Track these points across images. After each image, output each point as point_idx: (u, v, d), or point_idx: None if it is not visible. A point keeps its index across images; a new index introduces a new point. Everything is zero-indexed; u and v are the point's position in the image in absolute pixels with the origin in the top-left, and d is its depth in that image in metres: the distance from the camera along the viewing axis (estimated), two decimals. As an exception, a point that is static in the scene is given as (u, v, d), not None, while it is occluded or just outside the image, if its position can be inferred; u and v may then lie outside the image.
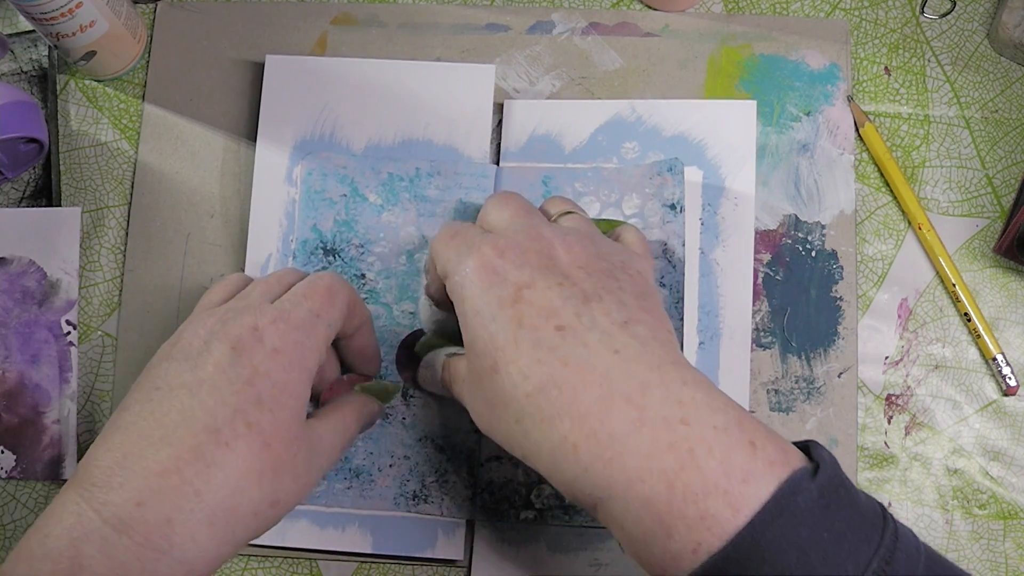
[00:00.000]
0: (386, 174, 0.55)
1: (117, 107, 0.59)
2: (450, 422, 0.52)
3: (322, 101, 0.57)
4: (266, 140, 0.57)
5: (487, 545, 0.52)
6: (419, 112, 0.57)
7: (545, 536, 0.52)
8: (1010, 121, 0.57)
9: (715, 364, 0.53)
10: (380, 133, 0.57)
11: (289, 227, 0.56)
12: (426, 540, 0.52)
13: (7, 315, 0.57)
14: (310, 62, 0.57)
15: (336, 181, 0.55)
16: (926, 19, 0.58)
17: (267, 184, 0.56)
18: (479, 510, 0.52)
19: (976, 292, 0.55)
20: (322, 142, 0.57)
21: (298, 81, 0.57)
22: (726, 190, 0.55)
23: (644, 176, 0.54)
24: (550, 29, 0.58)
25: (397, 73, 0.57)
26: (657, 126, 0.56)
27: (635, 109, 0.56)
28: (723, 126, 0.55)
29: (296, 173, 0.56)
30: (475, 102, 0.57)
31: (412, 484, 0.52)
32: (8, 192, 0.59)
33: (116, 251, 0.58)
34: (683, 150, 0.55)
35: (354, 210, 0.55)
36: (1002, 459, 0.54)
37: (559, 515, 0.52)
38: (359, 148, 0.56)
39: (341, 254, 0.54)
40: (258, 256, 0.56)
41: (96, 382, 0.56)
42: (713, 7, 0.59)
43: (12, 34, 0.60)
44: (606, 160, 0.55)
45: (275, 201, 0.56)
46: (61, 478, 0.55)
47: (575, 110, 0.56)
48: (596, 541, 0.52)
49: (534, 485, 0.52)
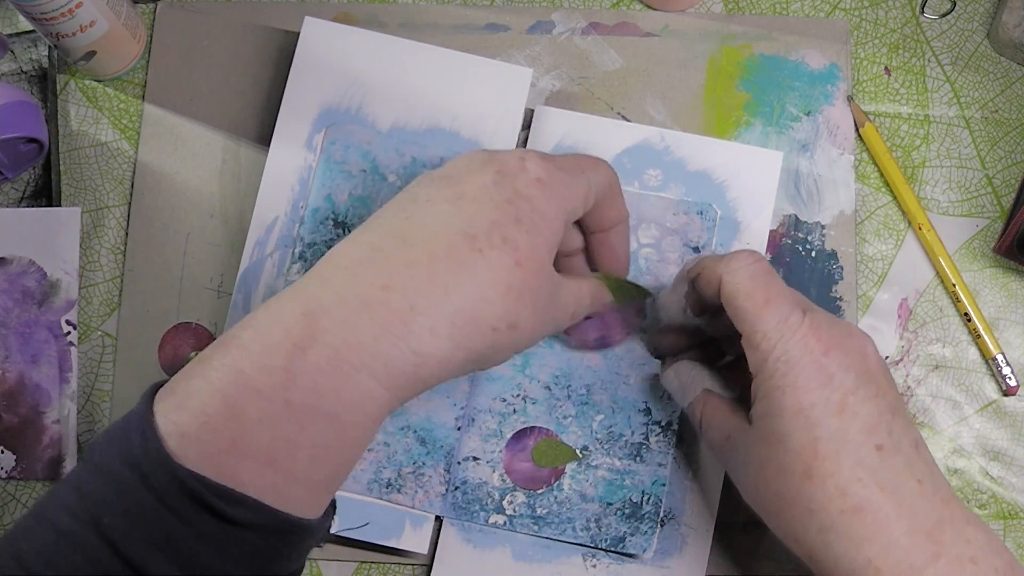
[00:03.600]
0: (410, 157, 0.55)
1: (117, 107, 0.59)
2: (435, 416, 0.52)
3: (354, 73, 0.56)
4: (291, 101, 0.56)
5: (452, 544, 0.52)
6: (450, 102, 0.56)
7: (511, 543, 0.52)
8: (1010, 121, 0.57)
9: None
10: (407, 116, 0.56)
11: (301, 193, 0.55)
12: (393, 529, 0.52)
13: (7, 315, 0.57)
14: (347, 32, 0.57)
15: (358, 155, 0.55)
16: (926, 19, 0.58)
17: (285, 146, 0.55)
18: (450, 507, 0.52)
19: (976, 292, 0.55)
20: (348, 114, 0.56)
21: (333, 48, 0.56)
22: (740, 233, 0.54)
23: (667, 210, 0.54)
24: (550, 29, 0.58)
25: (433, 59, 0.56)
26: (683, 159, 0.55)
27: (664, 138, 0.55)
28: (747, 171, 0.55)
29: (317, 140, 0.56)
30: (507, 102, 0.56)
31: (388, 472, 0.52)
32: (8, 192, 0.59)
33: (116, 251, 0.58)
34: (705, 186, 0.55)
35: (372, 187, 0.55)
36: (1002, 459, 0.54)
37: (528, 524, 0.52)
38: (384, 127, 0.56)
39: (352, 228, 0.54)
40: (264, 218, 0.55)
41: (96, 382, 0.56)
42: (713, 7, 0.59)
43: (12, 34, 0.60)
44: (628, 183, 0.54)
45: (291, 165, 0.55)
46: (61, 478, 0.55)
47: (605, 128, 0.56)
48: (562, 555, 0.52)
49: (508, 491, 0.52)
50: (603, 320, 0.51)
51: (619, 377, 0.52)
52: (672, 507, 0.52)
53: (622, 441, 0.52)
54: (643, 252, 0.54)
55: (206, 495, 0.34)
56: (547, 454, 0.52)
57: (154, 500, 0.34)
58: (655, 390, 0.52)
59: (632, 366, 0.53)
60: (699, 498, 0.52)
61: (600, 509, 0.51)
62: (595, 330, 0.51)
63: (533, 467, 0.52)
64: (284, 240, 0.55)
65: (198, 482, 0.34)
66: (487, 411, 0.53)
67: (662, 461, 0.52)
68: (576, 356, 0.53)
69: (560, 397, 0.53)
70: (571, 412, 0.52)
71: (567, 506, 0.52)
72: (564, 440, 0.52)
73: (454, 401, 0.53)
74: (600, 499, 0.52)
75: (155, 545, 0.34)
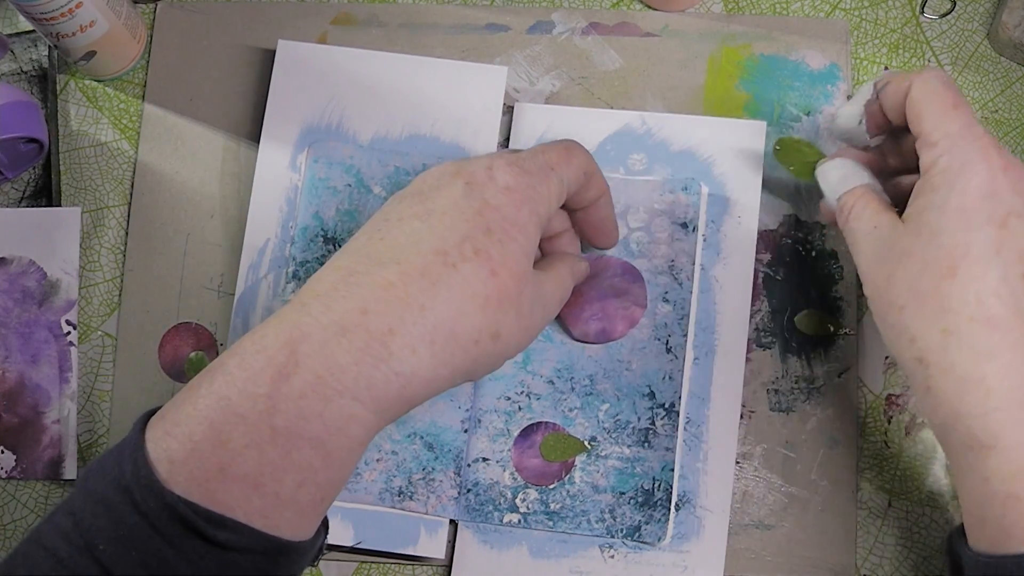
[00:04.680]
0: (393, 167, 0.55)
1: (117, 107, 0.59)
2: (440, 420, 0.52)
3: (331, 90, 0.57)
4: (272, 125, 0.57)
5: (469, 546, 0.52)
6: (427, 108, 0.57)
7: (528, 541, 0.52)
8: (1010, 121, 0.57)
9: (708, 380, 0.53)
10: (387, 126, 0.57)
11: (289, 213, 0.56)
12: (408, 537, 0.52)
13: (7, 315, 0.57)
14: (321, 50, 0.57)
15: (341, 170, 0.55)
16: (926, 19, 0.58)
17: (270, 169, 0.56)
18: (463, 510, 0.52)
19: (976, 292, 0.55)
20: (328, 131, 0.57)
21: (308, 68, 0.57)
22: (730, 208, 0.54)
23: (653, 191, 0.54)
24: (550, 29, 0.58)
25: (408, 68, 0.57)
26: (666, 139, 0.56)
27: (645, 121, 0.56)
28: (732, 145, 0.55)
29: (300, 160, 0.56)
30: (484, 102, 0.56)
31: (398, 480, 0.52)
32: (8, 192, 0.59)
33: (116, 251, 0.58)
34: (690, 165, 0.55)
35: (358, 201, 0.55)
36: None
37: (543, 521, 0.52)
38: (365, 140, 0.56)
39: (342, 243, 0.54)
40: (256, 240, 0.56)
41: (96, 382, 0.56)
42: (713, 7, 0.59)
43: (12, 34, 0.60)
44: (613, 170, 0.55)
45: (277, 186, 0.56)
46: (61, 478, 0.55)
47: (585, 118, 0.56)
48: (579, 549, 0.52)
49: (520, 489, 0.52)
50: (604, 312, 0.52)
51: (621, 364, 0.53)
52: (686, 490, 0.52)
53: (629, 428, 0.52)
54: (634, 236, 0.54)
55: (195, 520, 0.35)
56: (556, 448, 0.52)
57: (146, 525, 0.35)
58: (657, 372, 0.52)
59: (633, 352, 0.53)
60: (713, 480, 0.52)
61: (613, 499, 0.52)
62: (597, 322, 0.52)
63: (543, 462, 0.52)
64: (277, 261, 0.55)
65: (187, 507, 0.35)
66: (492, 411, 0.53)
67: (669, 445, 0.52)
68: (577, 347, 0.53)
69: (564, 390, 0.53)
70: (576, 404, 0.53)
71: (580, 499, 0.52)
72: (571, 433, 0.52)
73: (459, 404, 0.53)
74: (612, 489, 0.52)
75: (148, 570, 0.35)
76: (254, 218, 0.56)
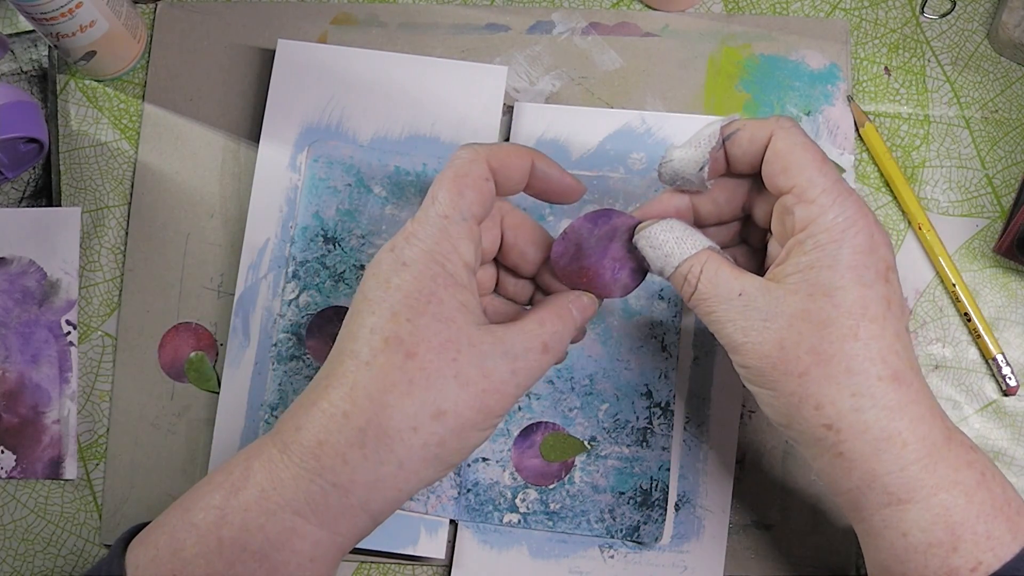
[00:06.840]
0: (393, 167, 0.55)
1: (117, 107, 0.59)
2: None
3: (331, 90, 0.57)
4: (272, 125, 0.57)
5: (469, 546, 0.52)
6: (427, 108, 0.57)
7: (528, 541, 0.52)
8: (1010, 121, 0.57)
9: (709, 380, 0.53)
10: (387, 126, 0.57)
11: (289, 213, 0.56)
12: (408, 537, 0.52)
13: (7, 315, 0.57)
14: (321, 50, 0.57)
15: (341, 170, 0.55)
16: (926, 19, 0.58)
17: (270, 168, 0.56)
18: (463, 510, 0.52)
19: (976, 292, 0.55)
20: (328, 131, 0.57)
21: (308, 68, 0.57)
22: None
23: (651, 189, 0.54)
24: (550, 29, 0.58)
25: (408, 68, 0.57)
26: (666, 138, 0.56)
27: (645, 120, 0.56)
28: None
29: (300, 160, 0.56)
30: (484, 102, 0.56)
31: None
32: (8, 192, 0.59)
33: (116, 251, 0.58)
34: None
35: (358, 200, 0.55)
36: (1002, 459, 0.54)
37: (543, 521, 0.52)
38: (365, 139, 0.56)
39: (342, 243, 0.54)
40: (256, 240, 0.56)
41: (96, 382, 0.56)
42: (713, 7, 0.59)
43: (12, 34, 0.60)
44: (612, 169, 0.55)
45: (277, 186, 0.56)
46: (61, 478, 0.55)
47: (585, 117, 0.56)
48: (579, 549, 0.52)
49: (520, 489, 0.52)
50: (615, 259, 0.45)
51: (620, 363, 0.53)
52: (686, 490, 0.52)
53: (628, 428, 0.52)
54: None
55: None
56: (555, 448, 0.52)
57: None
58: (654, 371, 0.52)
59: (631, 350, 0.53)
60: (713, 480, 0.52)
61: (613, 499, 0.52)
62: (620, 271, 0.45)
63: (542, 462, 0.52)
64: (277, 261, 0.55)
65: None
66: None
67: (665, 445, 0.52)
68: (576, 347, 0.53)
69: (564, 390, 0.53)
70: (576, 404, 0.53)
71: (579, 499, 0.52)
72: (571, 432, 0.52)
73: None
74: (612, 489, 0.52)
75: None
76: (254, 218, 0.56)
